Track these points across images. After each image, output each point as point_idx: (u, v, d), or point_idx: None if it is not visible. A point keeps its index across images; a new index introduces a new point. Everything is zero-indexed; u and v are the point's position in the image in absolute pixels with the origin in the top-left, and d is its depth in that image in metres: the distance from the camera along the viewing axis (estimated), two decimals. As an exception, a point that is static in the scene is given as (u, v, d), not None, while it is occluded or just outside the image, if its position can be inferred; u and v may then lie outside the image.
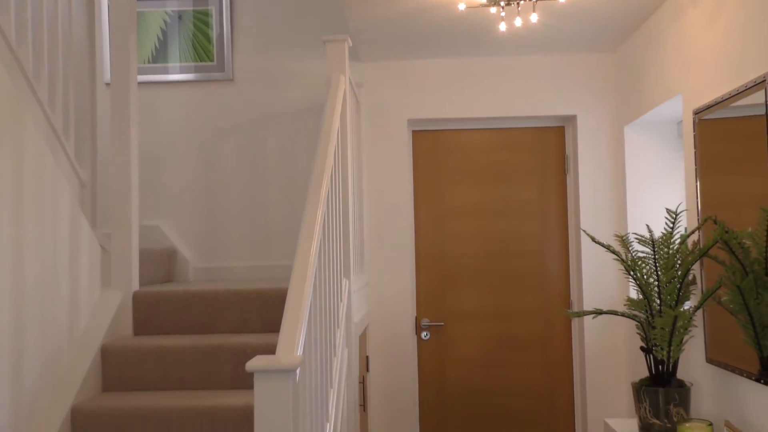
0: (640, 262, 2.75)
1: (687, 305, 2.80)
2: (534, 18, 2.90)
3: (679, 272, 2.65)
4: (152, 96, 4.13)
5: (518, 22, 2.93)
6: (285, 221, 4.04)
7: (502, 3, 2.80)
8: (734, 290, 2.31)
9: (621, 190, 3.76)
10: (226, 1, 4.09)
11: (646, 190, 3.65)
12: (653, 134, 3.65)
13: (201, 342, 2.79)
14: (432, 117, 3.95)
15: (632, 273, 2.76)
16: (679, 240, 2.70)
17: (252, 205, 4.07)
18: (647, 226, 2.89)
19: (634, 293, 3.59)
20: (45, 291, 2.46)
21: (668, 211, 2.71)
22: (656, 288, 2.73)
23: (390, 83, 3.96)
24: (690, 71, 2.87)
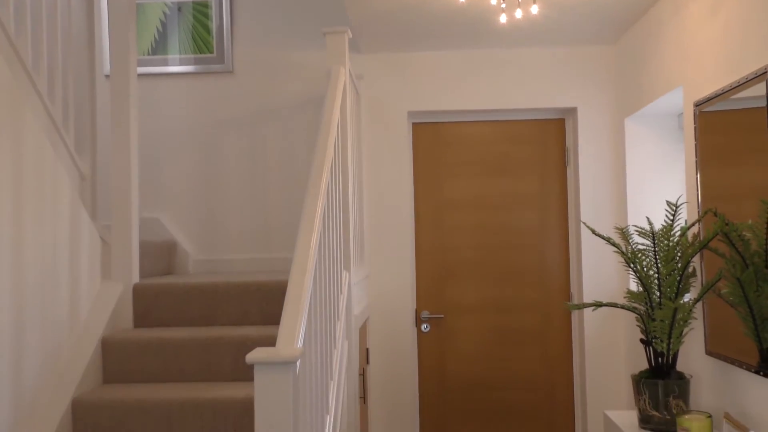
0: (640, 255, 2.75)
1: (687, 297, 2.80)
2: (534, 10, 2.90)
3: (679, 264, 2.65)
4: (152, 88, 4.13)
5: (519, 14, 2.92)
6: (285, 213, 4.04)
7: (503, -6, 2.79)
8: (734, 282, 2.32)
9: (621, 183, 3.75)
10: (226, -7, 4.08)
11: (647, 183, 3.65)
12: (654, 126, 3.64)
13: (201, 334, 2.80)
14: (432, 109, 3.94)
15: (632, 265, 2.76)
16: (680, 232, 2.70)
17: (252, 198, 4.07)
18: (647, 219, 2.88)
19: (634, 285, 3.59)
20: (45, 283, 2.47)
21: (668, 204, 2.71)
22: (656, 280, 2.73)
23: (390, 75, 3.95)
24: (690, 63, 2.87)
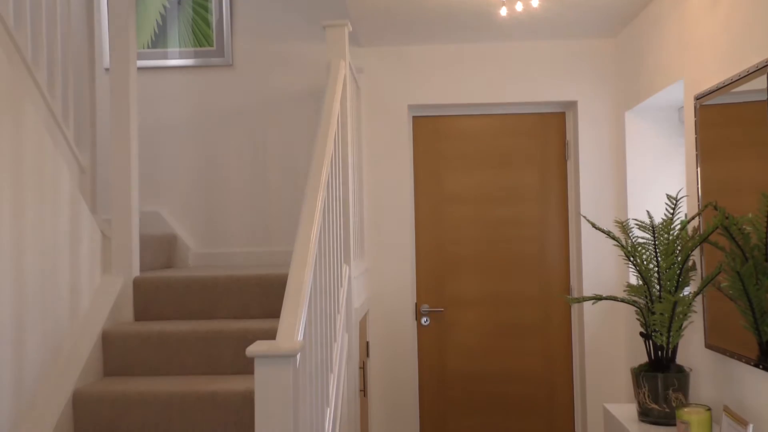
0: (640, 248, 2.75)
1: (687, 291, 2.81)
2: (535, 3, 2.89)
3: (679, 258, 2.65)
4: (152, 82, 4.12)
5: (519, 7, 2.92)
6: (285, 207, 4.04)
7: (503, -13, 2.79)
8: (734, 276, 2.32)
9: (621, 176, 3.75)
10: (226, -14, 4.07)
11: (647, 176, 3.65)
12: (654, 120, 3.64)
13: (202, 327, 2.80)
14: (432, 103, 3.94)
15: (632, 259, 2.76)
16: (680, 226, 2.70)
17: (252, 191, 4.07)
18: (647, 212, 2.88)
19: (634, 279, 3.60)
20: (45, 277, 2.47)
21: (669, 197, 2.71)
22: (656, 274, 2.73)
23: (390, 69, 3.95)
24: (691, 57, 2.86)
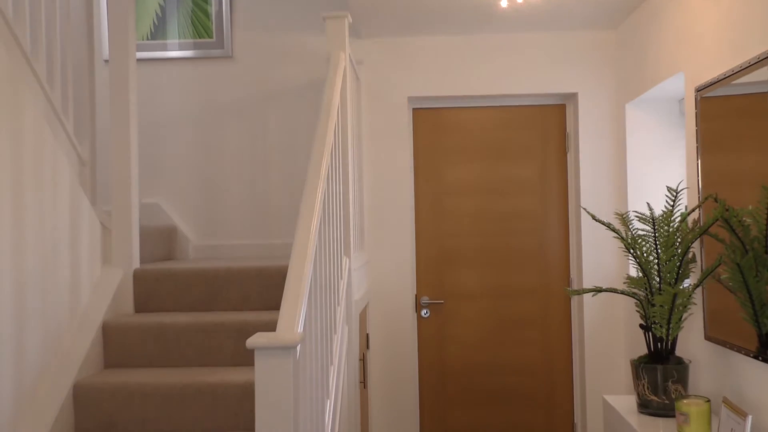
0: (640, 240, 2.75)
1: (686, 283, 2.81)
2: (536, -6, 2.88)
3: (679, 250, 2.65)
4: (151, 73, 4.11)
5: (520, -1, 2.91)
6: (285, 199, 4.04)
7: (504, -21, 2.78)
8: (734, 268, 2.32)
9: (622, 168, 3.75)
10: (225, -23, 4.06)
11: (647, 168, 3.65)
12: (655, 112, 3.63)
13: (202, 319, 2.81)
14: (432, 95, 3.93)
15: (632, 251, 2.76)
16: (680, 218, 2.70)
17: (252, 183, 4.07)
18: (648, 204, 2.88)
19: (634, 271, 3.60)
20: (46, 269, 2.47)
21: (669, 189, 2.70)
22: (656, 266, 2.73)
23: (390, 60, 3.94)
24: (692, 48, 2.85)
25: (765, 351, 2.25)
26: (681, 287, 2.66)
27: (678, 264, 2.66)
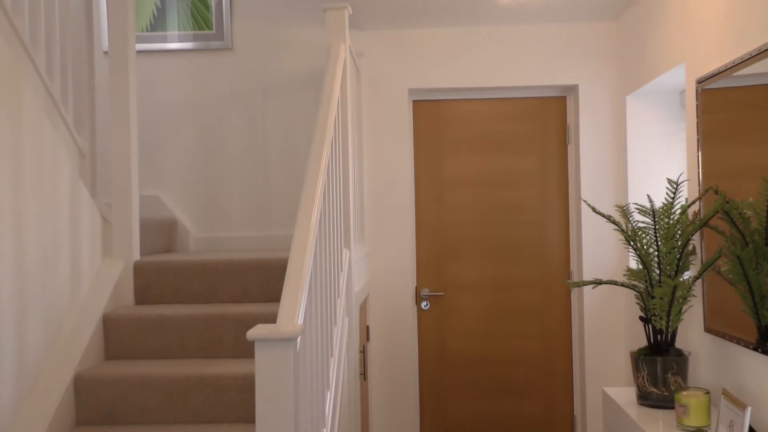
0: (641, 233, 2.75)
1: (686, 275, 2.81)
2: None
3: (679, 242, 2.65)
4: (151, 65, 4.10)
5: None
6: (285, 191, 4.04)
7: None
8: (734, 260, 2.32)
9: (622, 161, 3.74)
10: (225, -31, 4.04)
11: (648, 161, 3.64)
12: (655, 104, 3.63)
13: (202, 311, 2.81)
14: (433, 87, 3.92)
15: (632, 243, 2.76)
16: (680, 210, 2.70)
17: (252, 175, 4.06)
18: (648, 197, 2.88)
19: (634, 263, 3.60)
20: (46, 261, 2.47)
21: (669, 182, 2.70)
22: (656, 258, 2.73)
23: (391, 52, 3.93)
24: (693, 40, 2.84)
25: (764, 343, 2.25)
26: (681, 279, 2.66)
27: (678, 256, 2.66)
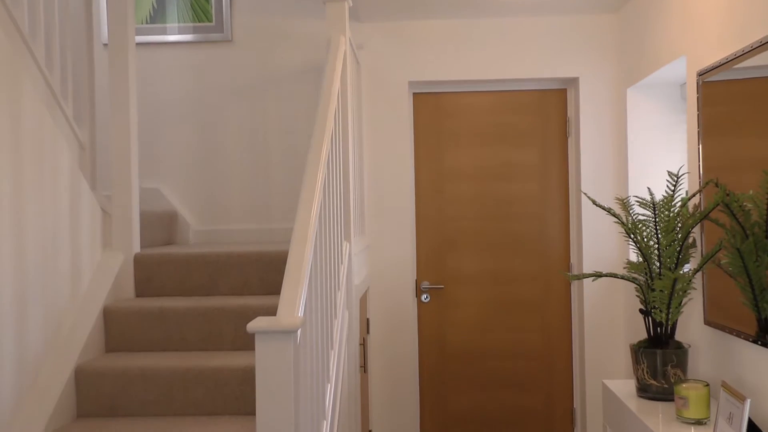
0: (641, 225, 2.75)
1: (686, 268, 2.81)
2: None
3: (680, 235, 2.65)
4: (150, 58, 4.09)
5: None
6: (285, 184, 4.03)
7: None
8: (734, 253, 2.32)
9: (623, 153, 3.74)
10: (225, -40, 4.03)
11: (648, 153, 3.64)
12: (656, 97, 3.62)
13: (202, 304, 2.81)
14: (433, 79, 3.91)
15: (632, 236, 2.76)
16: (680, 203, 2.69)
17: (252, 168, 4.06)
18: (648, 189, 2.88)
19: (634, 256, 3.60)
20: (46, 253, 2.47)
21: (670, 174, 2.70)
22: (656, 251, 2.73)
23: (391, 45, 3.92)
24: (694, 32, 2.84)
25: (764, 335, 2.26)
26: (681, 272, 2.66)
27: (678, 249, 2.66)
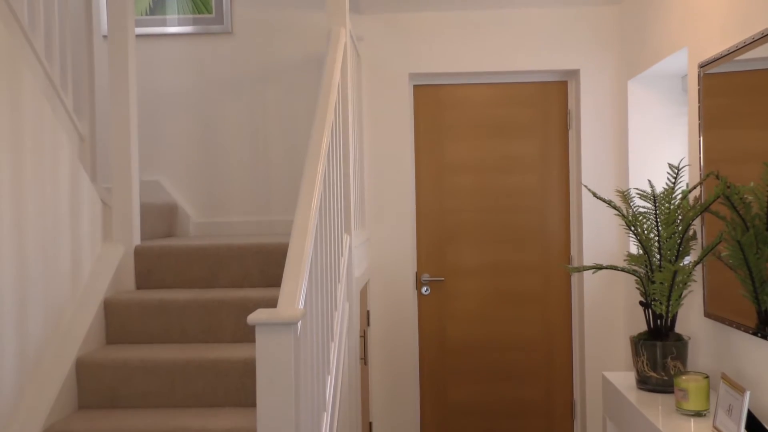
0: (641, 218, 2.75)
1: (687, 260, 2.81)
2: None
3: (680, 227, 2.65)
4: (150, 49, 4.08)
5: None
6: (286, 176, 4.03)
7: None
8: (734, 245, 2.32)
9: (623, 145, 3.73)
10: (224, -48, 4.01)
11: (649, 145, 3.63)
12: (657, 89, 3.61)
13: (203, 296, 2.81)
14: (434, 71, 3.90)
15: (633, 228, 2.76)
16: (681, 195, 2.69)
17: (252, 160, 4.06)
18: (649, 182, 2.87)
19: (635, 248, 3.60)
20: (47, 246, 2.47)
21: (670, 166, 2.70)
22: (656, 243, 2.73)
23: (391, 37, 3.90)
24: (696, 24, 2.83)
25: (764, 328, 2.26)
26: (681, 264, 2.66)
27: (678, 241, 2.66)
